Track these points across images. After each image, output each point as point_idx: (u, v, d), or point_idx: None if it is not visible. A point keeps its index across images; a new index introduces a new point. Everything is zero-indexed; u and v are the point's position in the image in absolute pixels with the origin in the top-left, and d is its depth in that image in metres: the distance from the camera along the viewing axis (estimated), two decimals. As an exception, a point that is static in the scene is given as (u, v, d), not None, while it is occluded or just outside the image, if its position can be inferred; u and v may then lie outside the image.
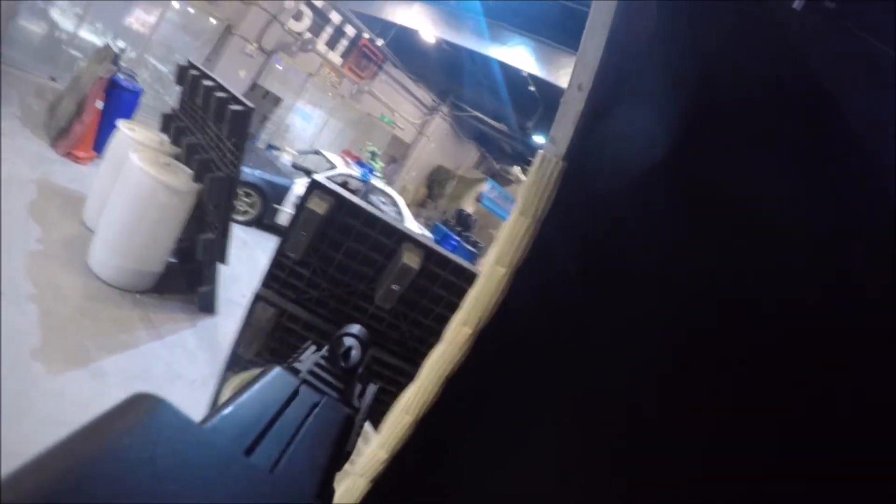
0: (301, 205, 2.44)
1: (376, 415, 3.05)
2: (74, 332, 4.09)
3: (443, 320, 2.85)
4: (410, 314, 2.75)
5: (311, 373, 0.68)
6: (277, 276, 2.76)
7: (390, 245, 2.57)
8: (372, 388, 0.77)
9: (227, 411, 0.53)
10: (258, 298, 2.79)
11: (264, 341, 2.83)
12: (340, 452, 0.60)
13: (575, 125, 0.74)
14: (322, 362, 0.72)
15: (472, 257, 15.02)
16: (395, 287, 2.45)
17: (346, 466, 2.41)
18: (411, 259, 2.45)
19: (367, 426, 2.60)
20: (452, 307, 2.98)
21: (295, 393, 0.60)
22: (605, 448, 0.86)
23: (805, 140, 0.71)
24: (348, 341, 0.74)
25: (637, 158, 0.73)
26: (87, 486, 0.33)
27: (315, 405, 0.59)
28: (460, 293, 2.96)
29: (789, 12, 0.68)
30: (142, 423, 0.40)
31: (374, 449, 1.19)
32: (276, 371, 0.62)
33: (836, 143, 0.70)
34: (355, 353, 0.74)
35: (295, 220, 2.53)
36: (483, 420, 0.96)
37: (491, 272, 0.85)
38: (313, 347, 0.80)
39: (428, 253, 2.58)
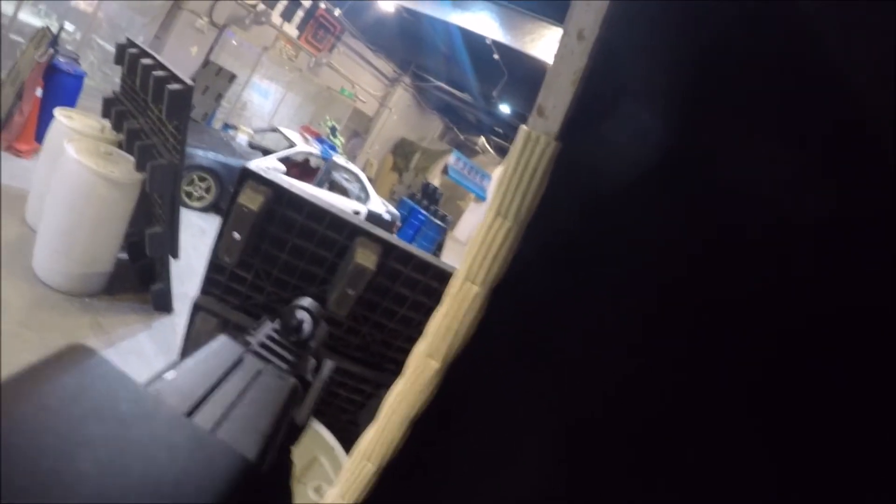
0: (232, 199, 2.08)
1: (341, 423, 2.86)
2: (16, 349, 3.69)
3: (409, 322, 2.57)
4: (371, 317, 2.45)
5: (261, 344, 0.66)
6: (217, 281, 2.41)
7: (341, 240, 2.25)
8: (329, 364, 0.76)
9: (168, 375, 0.53)
10: (197, 308, 2.45)
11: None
12: (286, 420, 0.58)
13: (574, 90, 0.56)
14: (273, 335, 0.70)
15: (440, 231, 14.71)
16: (350, 291, 2.14)
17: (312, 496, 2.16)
18: (366, 258, 2.13)
19: (339, 449, 2.39)
20: (418, 308, 2.75)
21: (239, 360, 0.57)
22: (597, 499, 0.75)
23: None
24: (300, 314, 0.75)
25: (661, 138, 0.56)
26: (14, 437, 0.32)
27: (259, 372, 0.57)
28: (427, 292, 2.73)
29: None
30: (78, 374, 0.39)
31: (334, 500, 0.99)
32: (221, 339, 0.59)
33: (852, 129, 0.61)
34: (307, 327, 0.74)
35: (226, 216, 2.17)
36: (457, 470, 0.80)
37: (462, 291, 0.69)
38: (269, 323, 0.78)
39: (386, 248, 2.26)
